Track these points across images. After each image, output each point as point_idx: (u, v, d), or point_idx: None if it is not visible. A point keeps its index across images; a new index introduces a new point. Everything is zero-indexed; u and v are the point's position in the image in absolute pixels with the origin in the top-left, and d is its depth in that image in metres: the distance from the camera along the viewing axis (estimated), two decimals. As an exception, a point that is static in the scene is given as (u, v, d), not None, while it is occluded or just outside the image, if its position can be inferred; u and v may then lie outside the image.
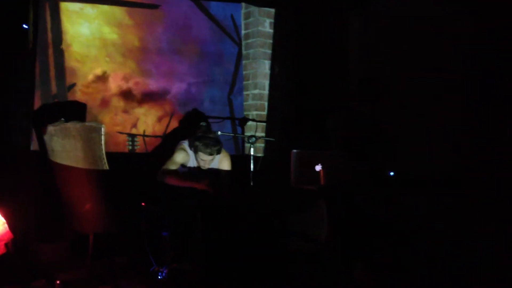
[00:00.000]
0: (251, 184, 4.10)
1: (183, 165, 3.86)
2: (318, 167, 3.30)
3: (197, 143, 3.73)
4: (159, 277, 3.41)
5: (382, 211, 3.56)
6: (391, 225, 3.59)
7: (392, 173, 3.80)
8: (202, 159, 3.77)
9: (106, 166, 3.53)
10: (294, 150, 3.45)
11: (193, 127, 4.81)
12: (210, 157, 3.76)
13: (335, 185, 3.37)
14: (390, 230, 3.56)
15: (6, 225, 3.30)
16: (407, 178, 3.98)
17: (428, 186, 4.04)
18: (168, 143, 4.48)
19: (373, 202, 3.55)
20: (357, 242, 3.50)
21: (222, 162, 3.93)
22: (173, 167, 3.78)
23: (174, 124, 4.89)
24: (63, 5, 4.45)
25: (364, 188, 3.55)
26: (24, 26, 3.98)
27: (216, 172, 3.94)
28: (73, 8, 4.49)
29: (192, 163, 3.88)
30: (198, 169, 3.87)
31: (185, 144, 3.87)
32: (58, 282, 3.09)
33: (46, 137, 3.68)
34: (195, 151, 3.77)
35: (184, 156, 3.83)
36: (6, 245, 3.25)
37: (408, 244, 3.72)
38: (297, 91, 4.99)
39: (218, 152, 3.80)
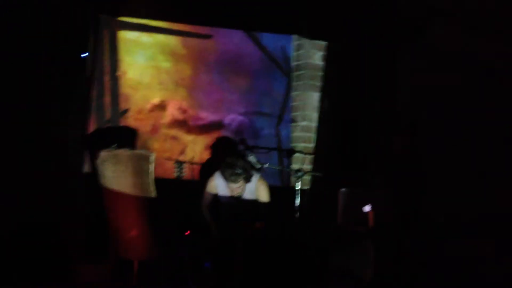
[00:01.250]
0: (296, 218, 4.05)
1: (216, 195, 3.83)
2: (367, 208, 3.22)
3: (224, 170, 3.69)
4: (199, 308, 3.40)
5: (432, 257, 3.43)
6: (439, 273, 3.44)
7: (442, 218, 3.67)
8: (230, 187, 3.74)
9: (154, 194, 3.59)
10: (342, 189, 3.39)
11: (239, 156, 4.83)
12: (236, 185, 3.69)
13: (384, 227, 3.27)
14: (438, 278, 3.42)
15: None
16: (458, 222, 3.83)
17: (484, 231, 3.87)
18: (213, 172, 4.50)
19: (422, 248, 3.43)
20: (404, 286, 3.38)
21: (259, 190, 3.83)
22: (206, 198, 3.80)
23: (222, 152, 4.92)
24: (121, 34, 4.61)
25: (413, 231, 3.44)
26: (83, 55, 4.14)
27: (252, 202, 3.86)
28: (130, 36, 4.64)
29: (223, 191, 3.83)
30: (234, 199, 3.82)
31: (217, 173, 3.84)
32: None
33: (98, 162, 3.78)
34: (224, 179, 3.75)
35: (211, 186, 3.81)
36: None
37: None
38: (345, 126, 4.93)
39: (247, 180, 3.71)
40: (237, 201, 3.82)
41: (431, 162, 4.26)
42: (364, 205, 3.22)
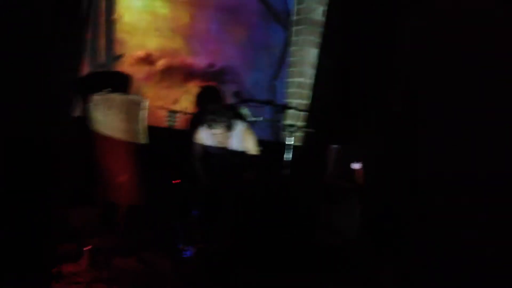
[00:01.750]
0: (286, 173, 4.07)
1: (204, 145, 3.84)
2: (356, 165, 3.23)
3: (205, 117, 3.69)
4: (185, 255, 3.44)
5: (417, 215, 3.46)
6: (429, 231, 3.49)
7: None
8: (213, 135, 3.72)
9: (145, 140, 3.58)
10: (333, 146, 3.39)
11: (234, 108, 4.80)
12: (216, 131, 3.68)
13: (372, 184, 3.29)
14: (427, 237, 3.46)
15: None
16: (445, 180, 3.85)
17: (473, 190, 3.89)
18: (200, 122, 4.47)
19: (409, 205, 3.45)
20: (388, 245, 3.42)
21: (246, 140, 3.82)
22: (196, 149, 3.80)
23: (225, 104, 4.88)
24: (119, -24, 4.48)
25: (400, 190, 3.46)
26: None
27: (240, 153, 3.86)
28: (127, -21, 4.52)
29: (209, 141, 3.83)
30: (221, 149, 3.83)
31: (204, 124, 3.82)
32: (87, 249, 3.15)
33: (90, 106, 3.75)
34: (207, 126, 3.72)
35: (199, 136, 3.82)
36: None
37: (441, 252, 3.61)
38: (342, 84, 4.88)
39: (228, 128, 3.70)
40: (224, 151, 3.83)
41: (424, 122, 4.24)
42: (354, 162, 3.23)
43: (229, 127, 3.71)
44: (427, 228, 3.66)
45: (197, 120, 4.05)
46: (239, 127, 3.83)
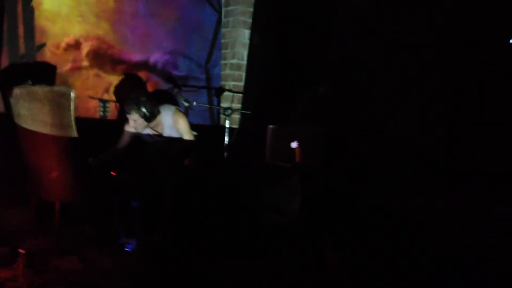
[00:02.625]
0: (225, 156, 4.03)
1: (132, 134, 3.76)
2: (294, 144, 3.24)
3: (126, 106, 3.62)
4: (128, 249, 3.35)
5: (355, 189, 3.55)
6: (363, 205, 3.59)
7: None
8: (134, 121, 3.64)
9: (74, 133, 3.40)
10: (271, 126, 3.38)
11: (164, 94, 4.69)
12: (131, 116, 3.61)
13: (309, 163, 3.33)
14: (361, 210, 3.56)
15: None
16: (379, 156, 3.97)
17: (403, 165, 4.05)
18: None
19: (346, 181, 3.54)
20: (328, 220, 3.49)
21: (178, 123, 3.73)
22: (122, 137, 3.73)
23: (148, 90, 4.75)
24: (34, -41, 4.20)
25: (337, 166, 3.53)
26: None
27: (176, 139, 3.80)
28: (44, -38, 4.25)
29: (141, 130, 3.74)
30: (155, 136, 3.75)
31: None
32: (22, 251, 2.98)
33: (11, 100, 3.51)
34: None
35: (130, 125, 3.72)
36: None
37: (379, 225, 3.74)
38: (276, 63, 4.88)
39: (146, 119, 3.61)
40: (158, 139, 3.74)
41: (357, 103, 4.34)
42: (292, 142, 3.25)
43: (149, 114, 3.61)
44: (362, 202, 3.78)
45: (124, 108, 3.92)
46: (169, 112, 3.73)
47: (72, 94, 3.46)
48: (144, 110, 3.56)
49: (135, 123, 3.64)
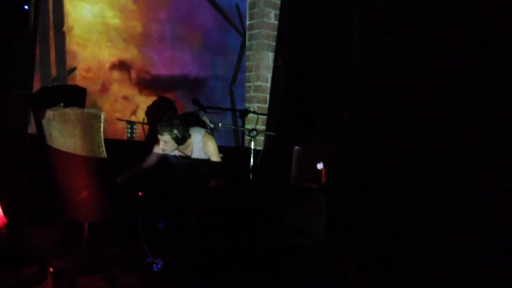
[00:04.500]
0: (250, 178, 4.06)
1: (161, 155, 3.83)
2: (320, 166, 3.25)
3: (158, 128, 3.71)
4: (154, 269, 3.38)
5: (381, 211, 3.53)
6: (389, 226, 3.56)
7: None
8: (165, 143, 3.72)
9: (104, 154, 3.48)
10: (296, 147, 3.40)
11: (192, 116, 4.77)
12: (162, 137, 3.69)
13: (336, 184, 3.32)
14: (387, 231, 3.53)
15: (0, 210, 3.25)
16: (406, 179, 3.94)
17: (427, 188, 4.01)
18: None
19: (372, 203, 3.51)
20: (354, 242, 3.47)
21: (206, 145, 3.82)
22: (149, 157, 3.82)
23: (175, 112, 4.83)
24: (66, -13, 4.37)
25: (363, 187, 3.52)
26: (26, 7, 3.90)
27: (203, 161, 3.85)
28: (76, -10, 4.41)
29: (170, 151, 3.83)
30: (183, 158, 3.81)
31: None
32: (51, 269, 3.04)
33: (44, 122, 3.62)
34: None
35: (156, 146, 3.80)
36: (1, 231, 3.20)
37: (405, 246, 3.69)
38: (299, 85, 4.93)
39: (177, 141, 3.69)
40: (186, 161, 3.80)
41: (382, 126, 4.33)
42: (317, 163, 3.25)
43: (180, 137, 3.68)
44: (387, 223, 3.74)
45: (153, 131, 4.01)
46: (199, 135, 3.81)
47: (102, 116, 3.56)
48: (176, 132, 3.64)
49: (165, 145, 3.71)
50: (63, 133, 3.47)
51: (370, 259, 3.45)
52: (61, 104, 3.55)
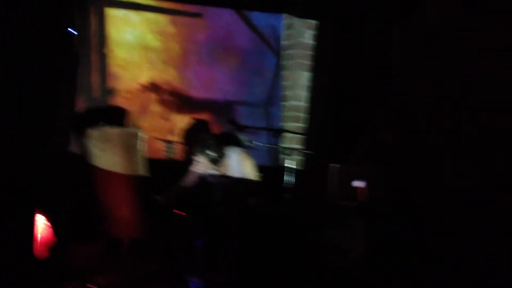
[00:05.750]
0: (287, 196, 4.04)
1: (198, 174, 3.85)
2: (357, 183, 3.21)
3: (195, 148, 3.77)
4: (191, 286, 3.38)
5: (422, 230, 3.44)
6: (430, 246, 3.46)
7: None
8: (201, 163, 3.77)
9: (143, 172, 3.55)
10: (333, 165, 3.38)
11: (229, 136, 4.80)
12: (197, 159, 3.74)
13: (374, 202, 3.27)
14: (428, 251, 3.43)
15: (50, 229, 3.32)
16: (447, 198, 3.84)
17: (473, 208, 3.88)
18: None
19: (413, 221, 3.44)
20: (395, 262, 3.39)
21: (244, 165, 3.85)
22: (192, 179, 3.83)
23: (212, 132, 4.88)
24: (108, 11, 4.52)
25: (403, 206, 3.45)
26: (71, 30, 4.05)
27: (240, 179, 3.87)
28: (118, 14, 4.56)
29: (207, 170, 3.85)
30: (221, 177, 3.83)
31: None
32: (93, 286, 3.08)
33: (86, 140, 3.73)
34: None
35: (193, 165, 3.84)
36: (50, 249, 3.27)
37: (447, 266, 3.58)
38: (336, 104, 4.91)
39: (213, 161, 3.72)
40: (224, 179, 3.81)
41: (425, 146, 4.24)
42: (355, 181, 3.21)
43: (214, 158, 3.72)
44: (433, 245, 3.64)
45: (191, 150, 4.05)
46: (236, 154, 3.83)
47: (141, 134, 3.64)
48: (210, 153, 3.67)
49: (200, 165, 3.75)
50: (104, 151, 3.56)
51: (413, 281, 3.36)
52: (101, 123, 3.65)
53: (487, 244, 3.80)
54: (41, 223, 3.32)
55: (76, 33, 4.10)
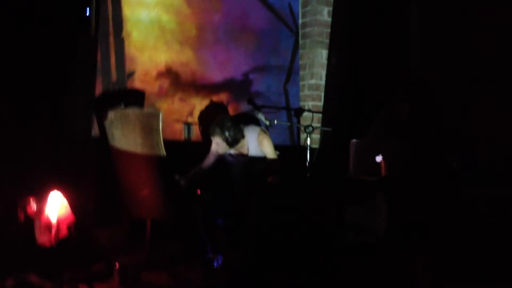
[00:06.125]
0: (308, 175, 4.03)
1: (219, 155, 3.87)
2: (379, 158, 3.17)
3: (211, 129, 3.76)
4: (214, 265, 3.41)
5: (445, 204, 3.40)
6: (454, 220, 3.42)
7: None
8: (218, 144, 3.79)
9: (163, 152, 3.57)
10: (353, 140, 3.34)
11: (247, 116, 4.80)
12: (214, 140, 3.75)
13: (396, 176, 3.24)
14: (453, 226, 3.40)
15: (69, 208, 3.38)
16: (473, 171, 3.78)
17: (495, 182, 3.82)
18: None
19: (435, 195, 3.39)
20: (418, 237, 3.36)
21: (262, 144, 3.82)
22: (207, 157, 3.84)
23: (230, 113, 4.88)
24: (124, -7, 4.51)
25: (425, 180, 3.40)
26: (87, 13, 4.05)
27: (259, 158, 3.86)
28: (133, -4, 4.55)
29: (225, 150, 3.87)
30: (240, 156, 3.83)
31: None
32: (117, 265, 3.13)
33: (106, 123, 3.76)
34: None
35: (213, 145, 3.85)
36: (68, 228, 3.33)
37: (472, 241, 3.54)
38: (354, 81, 4.86)
39: (222, 138, 3.72)
40: (243, 159, 3.81)
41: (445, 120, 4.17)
42: (376, 155, 3.18)
43: (231, 139, 3.71)
44: (455, 218, 3.60)
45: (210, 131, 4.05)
46: (255, 134, 3.82)
47: (160, 115, 3.65)
48: (227, 134, 3.67)
49: (217, 146, 3.76)
50: (124, 132, 3.59)
51: (436, 254, 3.33)
52: (122, 105, 3.67)
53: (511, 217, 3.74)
54: (59, 202, 3.36)
55: (90, 16, 4.11)
